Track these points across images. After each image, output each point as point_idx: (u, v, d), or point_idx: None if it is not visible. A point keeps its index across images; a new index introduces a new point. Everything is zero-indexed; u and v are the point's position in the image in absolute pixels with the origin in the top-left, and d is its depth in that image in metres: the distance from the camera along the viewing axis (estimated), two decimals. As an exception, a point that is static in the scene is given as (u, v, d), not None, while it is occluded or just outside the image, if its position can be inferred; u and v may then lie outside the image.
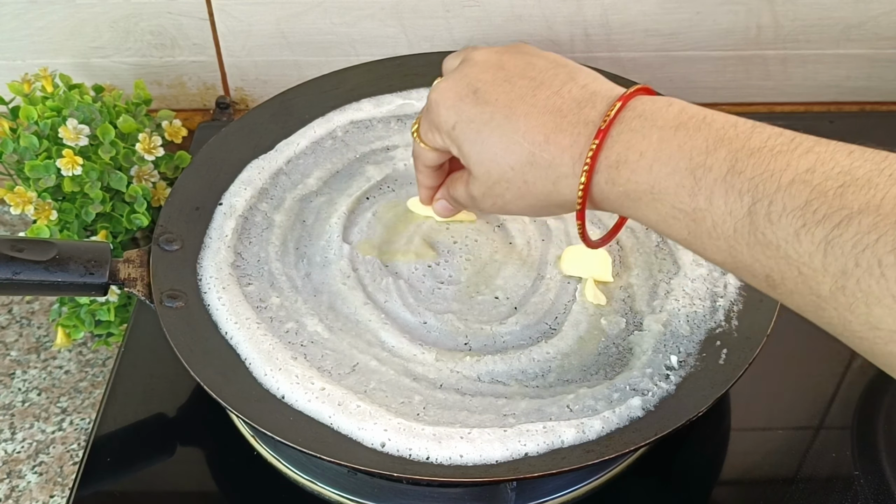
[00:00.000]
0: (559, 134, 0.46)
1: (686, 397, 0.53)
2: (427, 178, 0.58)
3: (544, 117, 0.47)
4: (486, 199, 0.51)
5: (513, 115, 0.48)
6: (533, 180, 0.47)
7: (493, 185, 0.50)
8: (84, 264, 0.55)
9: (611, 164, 0.44)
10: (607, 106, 0.46)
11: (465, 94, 0.50)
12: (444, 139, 0.52)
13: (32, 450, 0.66)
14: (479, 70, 0.50)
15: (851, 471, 0.57)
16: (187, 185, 0.64)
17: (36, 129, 0.66)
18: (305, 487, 0.57)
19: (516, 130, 0.47)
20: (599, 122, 0.45)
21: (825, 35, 0.80)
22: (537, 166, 0.47)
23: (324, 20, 0.79)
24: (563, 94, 0.47)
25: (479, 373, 0.55)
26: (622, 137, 0.44)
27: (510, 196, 0.49)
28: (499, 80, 0.49)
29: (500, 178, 0.49)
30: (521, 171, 0.48)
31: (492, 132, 0.48)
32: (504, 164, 0.48)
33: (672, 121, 0.43)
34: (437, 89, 0.51)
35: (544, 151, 0.46)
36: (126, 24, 0.78)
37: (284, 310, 0.58)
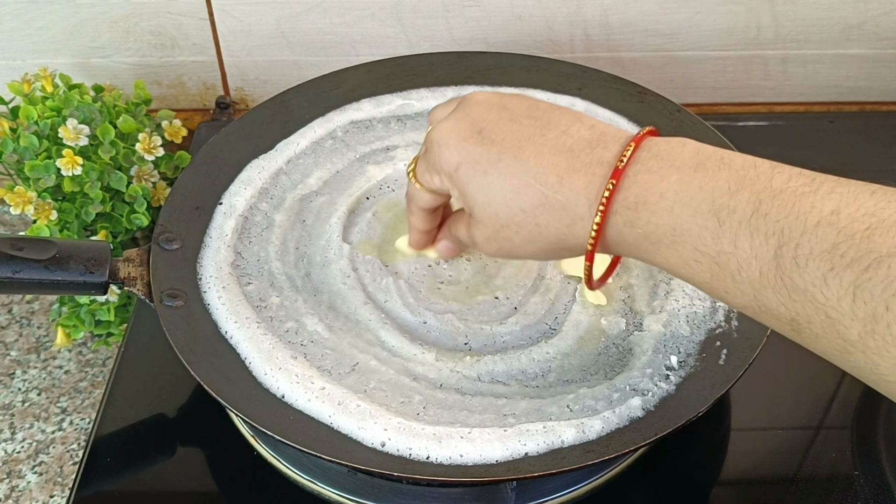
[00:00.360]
0: (573, 175, 0.44)
1: (686, 397, 0.53)
2: (421, 221, 0.56)
3: (556, 157, 0.45)
4: (490, 244, 0.49)
5: (522, 156, 0.46)
6: (545, 223, 0.45)
7: (501, 229, 0.47)
8: (84, 263, 0.55)
9: (629, 206, 0.43)
10: (621, 146, 0.44)
11: (469, 134, 0.48)
12: (445, 181, 0.50)
13: (32, 450, 0.66)
14: (481, 110, 0.48)
15: (851, 471, 0.57)
16: (187, 184, 0.64)
17: (36, 129, 0.66)
18: (305, 487, 0.57)
19: (527, 171, 0.45)
20: (615, 163, 0.43)
21: (825, 35, 0.80)
22: (550, 208, 0.45)
23: (324, 20, 0.79)
24: (571, 133, 0.46)
25: (479, 373, 0.55)
26: (640, 178, 0.43)
27: (519, 240, 0.47)
28: (504, 120, 0.47)
29: (509, 222, 0.47)
30: (532, 214, 0.45)
31: (500, 173, 0.46)
32: (514, 206, 0.46)
33: (690, 161, 0.42)
34: (438, 129, 0.49)
35: (558, 193, 0.44)
36: (126, 24, 0.78)
37: (284, 309, 0.58)
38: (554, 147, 0.45)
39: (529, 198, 0.45)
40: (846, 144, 0.81)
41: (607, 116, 0.70)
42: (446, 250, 0.57)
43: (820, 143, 0.81)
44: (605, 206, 0.43)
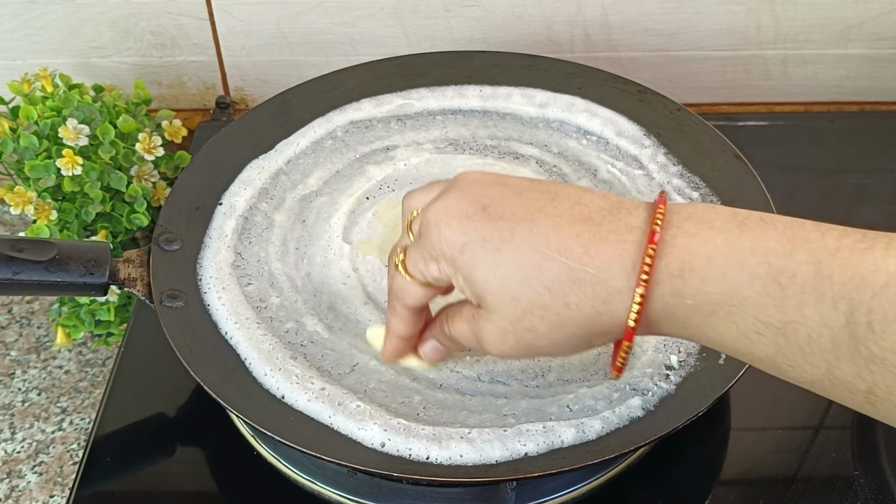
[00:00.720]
0: (601, 243, 0.39)
1: (686, 397, 0.53)
2: (404, 324, 0.48)
3: (576, 227, 0.40)
4: (507, 339, 0.42)
5: (537, 228, 0.40)
6: (577, 302, 0.40)
7: (522, 317, 0.41)
8: (84, 264, 0.55)
9: (674, 273, 0.38)
10: (647, 210, 0.40)
11: (472, 211, 0.42)
12: (446, 268, 0.43)
13: (32, 450, 0.66)
14: (481, 186, 0.43)
15: (851, 471, 0.57)
16: (187, 184, 0.64)
17: (36, 129, 0.66)
18: (305, 487, 0.57)
19: (547, 244, 0.40)
20: (647, 227, 0.39)
21: (825, 35, 0.80)
22: (581, 284, 0.39)
23: (324, 20, 0.79)
24: (584, 202, 0.41)
25: (479, 372, 0.55)
26: (678, 242, 0.39)
27: (544, 328, 0.41)
28: (508, 194, 0.42)
29: (532, 306, 0.41)
30: (560, 293, 0.40)
31: (516, 249, 0.40)
32: (538, 285, 0.40)
33: (729, 222, 0.39)
34: (433, 209, 0.43)
35: (587, 265, 0.39)
36: (126, 24, 0.78)
37: (284, 310, 0.58)
38: (571, 217, 0.41)
39: (555, 273, 0.40)
40: (846, 144, 0.81)
41: (607, 116, 0.70)
42: (436, 353, 0.50)
43: (820, 143, 0.81)
44: (648, 274, 0.38)
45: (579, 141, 0.70)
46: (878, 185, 0.77)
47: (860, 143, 0.81)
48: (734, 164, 0.65)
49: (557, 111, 0.71)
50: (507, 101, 0.72)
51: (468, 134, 0.71)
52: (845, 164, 0.78)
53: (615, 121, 0.70)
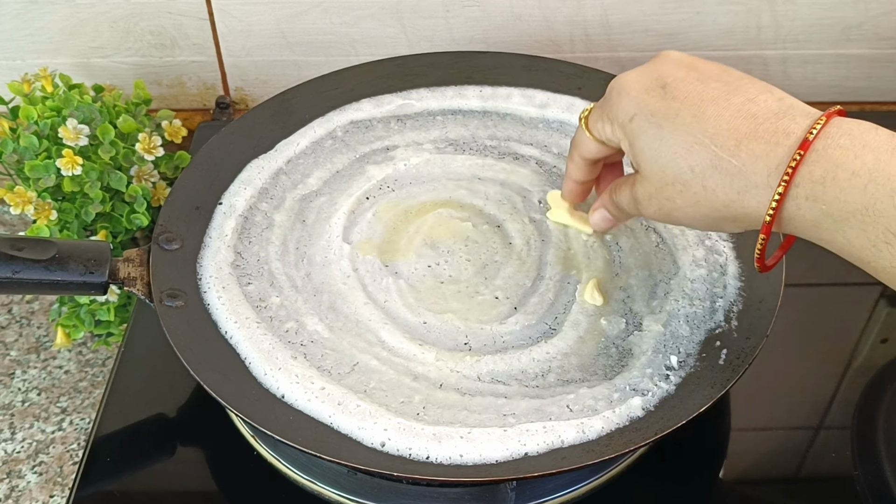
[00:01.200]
0: (753, 141, 0.43)
1: (686, 397, 0.53)
2: (579, 170, 0.55)
3: (737, 121, 0.44)
4: (651, 203, 0.48)
5: (702, 115, 0.45)
6: (713, 186, 0.44)
7: (665, 187, 0.46)
8: (84, 263, 0.55)
9: (815, 180, 0.41)
10: (811, 120, 0.43)
11: (652, 87, 0.47)
12: (617, 131, 0.49)
13: (32, 450, 0.66)
14: (671, 66, 0.48)
15: (851, 471, 0.57)
16: (187, 184, 0.64)
17: (36, 129, 0.66)
18: (305, 487, 0.57)
19: (704, 131, 0.44)
20: (803, 135, 0.42)
21: (825, 35, 0.80)
22: (722, 171, 0.44)
23: (324, 20, 0.79)
24: (758, 101, 0.45)
25: (480, 372, 0.55)
26: (829, 153, 0.41)
27: (681, 202, 0.46)
28: (691, 79, 0.47)
29: (674, 180, 0.46)
30: (701, 175, 0.44)
31: (675, 129, 0.45)
32: (683, 164, 0.45)
33: (885, 144, 0.41)
34: (622, 78, 0.49)
35: (734, 157, 0.43)
36: (126, 23, 0.78)
37: (284, 309, 0.58)
38: (738, 112, 0.44)
39: (701, 157, 0.44)
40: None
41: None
42: (602, 220, 0.56)
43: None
44: (790, 175, 0.41)
45: (579, 141, 0.70)
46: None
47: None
48: (734, 164, 0.65)
49: (557, 111, 0.71)
50: (507, 101, 0.72)
51: (468, 134, 0.71)
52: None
53: (615, 121, 0.70)
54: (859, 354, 0.64)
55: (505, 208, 0.65)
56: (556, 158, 0.69)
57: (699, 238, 0.62)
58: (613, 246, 0.62)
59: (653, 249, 0.62)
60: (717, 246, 0.61)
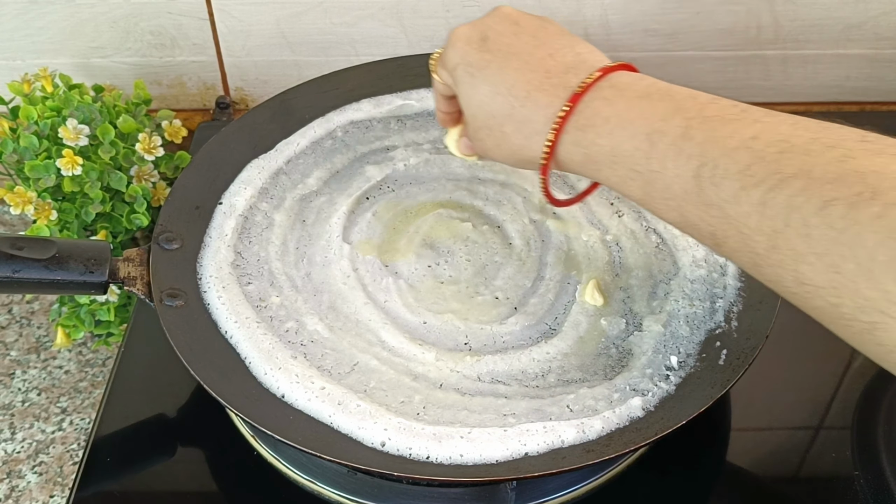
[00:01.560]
0: (540, 93, 0.48)
1: (686, 397, 0.53)
2: (441, 103, 0.58)
3: (532, 74, 0.48)
4: (475, 141, 0.53)
5: (506, 67, 0.49)
6: (509, 132, 0.49)
7: (478, 130, 0.51)
8: (84, 263, 0.55)
9: (579, 127, 0.46)
10: (589, 74, 0.47)
11: (474, 39, 0.51)
12: (447, 77, 0.54)
13: (32, 450, 0.66)
14: (496, 21, 0.52)
15: (851, 471, 0.57)
16: (187, 184, 0.64)
17: (36, 129, 0.66)
18: (305, 487, 0.56)
19: (504, 82, 0.49)
20: (576, 88, 0.47)
21: (825, 35, 0.80)
22: (514, 119, 0.49)
23: (324, 20, 0.79)
24: (556, 56, 0.49)
25: (480, 372, 0.55)
26: (593, 104, 0.46)
27: (490, 143, 0.51)
28: (507, 33, 0.51)
29: (482, 125, 0.51)
30: (500, 121, 0.49)
31: (484, 80, 0.50)
32: (487, 111, 0.50)
33: (640, 92, 0.46)
34: (455, 30, 0.53)
35: (523, 106, 0.48)
36: (126, 24, 0.78)
37: (284, 309, 0.58)
38: (537, 66, 0.49)
39: (500, 106, 0.49)
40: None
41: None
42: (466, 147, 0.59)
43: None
44: (558, 125, 0.47)
45: (579, 141, 0.70)
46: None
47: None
48: (734, 164, 0.65)
49: (557, 111, 0.71)
50: (507, 101, 0.72)
51: (468, 134, 0.71)
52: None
53: (615, 121, 0.69)
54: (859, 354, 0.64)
55: (505, 209, 0.65)
56: (556, 158, 0.69)
57: (699, 238, 0.62)
58: (614, 246, 0.62)
59: (653, 250, 0.62)
60: (717, 246, 0.61)
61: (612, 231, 0.63)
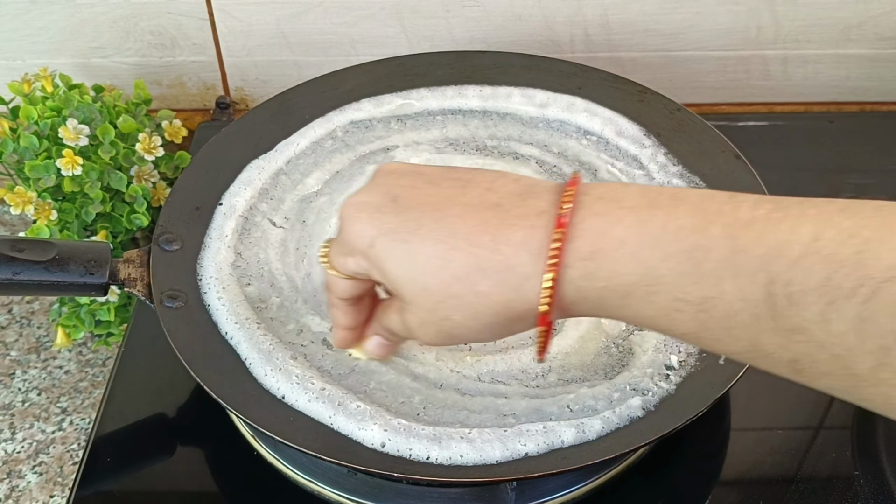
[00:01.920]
0: (507, 230, 0.39)
1: (686, 397, 0.53)
2: (344, 315, 0.49)
3: (484, 214, 0.40)
4: (428, 328, 0.43)
5: (445, 218, 0.40)
6: (487, 290, 0.40)
7: (437, 307, 0.41)
8: (84, 264, 0.55)
9: (584, 256, 0.38)
10: (555, 193, 0.40)
11: (382, 203, 0.42)
12: (361, 262, 0.43)
13: (32, 450, 0.66)
14: (395, 178, 0.44)
15: (851, 471, 0.57)
16: (187, 185, 0.64)
17: (36, 129, 0.66)
18: (305, 487, 0.56)
19: (453, 234, 0.40)
20: (554, 210, 0.39)
21: (825, 35, 0.80)
22: (489, 272, 0.39)
23: (324, 20, 0.79)
24: (496, 189, 0.41)
25: (480, 372, 0.55)
26: (588, 224, 0.38)
27: (460, 317, 0.41)
28: (420, 184, 0.42)
29: (444, 296, 0.41)
30: (469, 281, 0.40)
31: (423, 240, 0.40)
32: (446, 275, 0.40)
33: (639, 200, 0.38)
34: (347, 204, 0.44)
35: (494, 252, 0.39)
36: (126, 24, 0.78)
37: (284, 310, 0.58)
38: (480, 204, 0.41)
39: (462, 263, 0.40)
40: (846, 144, 0.81)
41: (608, 116, 0.70)
42: (378, 348, 0.51)
43: (820, 144, 0.81)
44: (556, 258, 0.38)
45: (579, 141, 0.70)
46: (878, 185, 0.77)
47: (860, 143, 0.81)
48: (734, 164, 0.65)
49: (557, 111, 0.71)
50: (507, 101, 0.72)
51: (468, 134, 0.71)
52: (845, 164, 0.78)
53: (615, 121, 0.70)
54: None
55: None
56: (557, 158, 0.68)
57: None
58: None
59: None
60: (717, 246, 0.61)
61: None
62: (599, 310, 0.39)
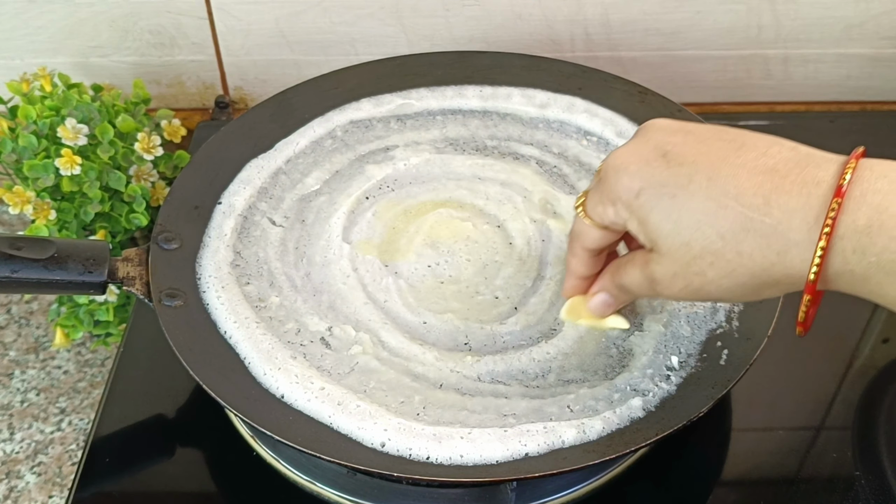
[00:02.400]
0: (783, 195, 0.40)
1: (687, 398, 0.52)
2: (582, 264, 0.50)
3: (758, 178, 0.40)
4: (676, 281, 0.44)
5: (717, 177, 0.41)
6: (749, 251, 0.40)
7: (693, 261, 0.42)
8: (83, 262, 0.55)
9: (859, 230, 0.38)
10: (837, 166, 0.40)
11: (652, 157, 0.43)
12: (622, 212, 0.45)
13: (31, 450, 0.66)
14: (665, 134, 0.44)
15: (852, 471, 0.57)
16: (186, 184, 0.64)
17: (34, 129, 0.66)
18: (305, 488, 0.56)
19: (725, 193, 0.41)
20: (835, 182, 0.39)
21: (826, 34, 0.80)
22: (756, 234, 0.40)
23: (323, 19, 0.79)
24: (772, 154, 0.42)
25: (480, 373, 0.55)
26: (869, 199, 0.38)
27: (713, 274, 0.42)
28: (691, 142, 0.43)
29: (703, 251, 0.42)
30: (734, 241, 0.41)
31: (692, 196, 0.41)
32: (710, 232, 0.41)
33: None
34: (615, 155, 0.45)
35: (766, 215, 0.40)
36: (125, 23, 0.78)
37: (284, 309, 0.58)
38: (755, 167, 0.41)
39: (730, 221, 0.41)
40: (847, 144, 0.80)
41: (608, 116, 0.70)
42: (602, 305, 0.51)
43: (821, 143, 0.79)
44: (831, 227, 0.38)
45: (580, 141, 0.70)
46: (878, 184, 0.77)
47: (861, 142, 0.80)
48: (735, 163, 0.64)
49: (558, 111, 0.71)
50: (507, 101, 0.72)
51: (468, 134, 0.71)
52: (846, 163, 0.78)
53: (615, 121, 0.69)
54: (860, 354, 0.64)
55: (505, 208, 0.65)
56: (557, 158, 0.68)
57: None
58: (614, 246, 0.62)
59: (653, 249, 0.62)
60: (717, 246, 0.61)
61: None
62: (861, 286, 0.40)
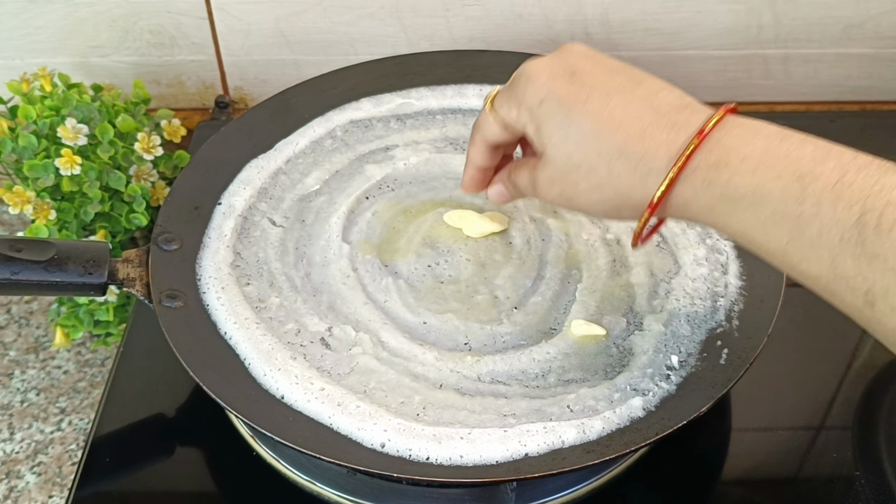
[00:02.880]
0: (656, 129, 0.45)
1: (687, 397, 0.52)
2: (480, 155, 0.54)
3: (642, 111, 0.46)
4: (553, 187, 0.49)
5: (610, 103, 0.46)
6: (618, 171, 0.46)
7: (570, 171, 0.48)
8: (83, 264, 0.55)
9: (710, 165, 0.43)
10: (707, 114, 0.45)
11: (560, 73, 0.48)
12: (524, 115, 0.49)
13: (31, 450, 0.66)
14: (578, 57, 0.49)
15: (852, 471, 0.57)
16: (186, 184, 0.64)
17: (34, 129, 0.66)
18: (305, 488, 0.56)
19: (612, 118, 0.46)
20: (700, 126, 0.44)
21: (826, 34, 0.80)
22: (627, 157, 0.45)
23: (323, 19, 0.79)
24: (661, 96, 0.47)
25: (480, 373, 0.55)
26: (724, 141, 0.44)
27: (585, 186, 0.47)
28: (599, 70, 0.48)
29: (580, 164, 0.47)
30: (608, 160, 0.46)
31: (585, 114, 0.46)
32: (592, 148, 0.46)
33: (776, 133, 0.43)
34: (531, 64, 0.49)
35: (638, 144, 0.45)
36: (125, 23, 0.78)
37: (284, 310, 0.58)
38: (643, 103, 0.46)
39: (609, 143, 0.46)
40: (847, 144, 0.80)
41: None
42: (498, 194, 0.56)
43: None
44: (684, 161, 0.44)
45: (579, 140, 0.70)
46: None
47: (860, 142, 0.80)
48: (735, 163, 0.64)
49: (557, 110, 0.71)
50: (507, 100, 0.72)
51: (468, 133, 0.70)
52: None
53: (615, 120, 0.69)
54: (860, 354, 0.64)
55: (505, 208, 0.65)
56: (557, 158, 0.68)
57: (700, 237, 0.62)
58: (614, 245, 0.62)
59: (654, 248, 0.62)
60: (718, 245, 0.61)
61: (613, 229, 0.63)
62: (706, 214, 0.45)
